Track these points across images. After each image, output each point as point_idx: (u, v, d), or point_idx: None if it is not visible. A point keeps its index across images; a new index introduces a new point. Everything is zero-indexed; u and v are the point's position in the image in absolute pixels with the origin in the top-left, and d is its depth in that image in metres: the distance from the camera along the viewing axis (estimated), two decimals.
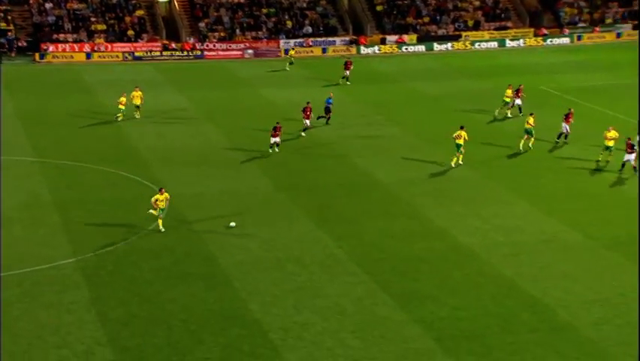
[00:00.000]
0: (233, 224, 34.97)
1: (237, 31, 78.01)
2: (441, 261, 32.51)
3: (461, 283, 30.67)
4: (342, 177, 41.98)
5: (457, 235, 34.80)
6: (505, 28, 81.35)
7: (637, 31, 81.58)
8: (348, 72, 62.46)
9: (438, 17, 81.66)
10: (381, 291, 29.92)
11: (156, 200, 34.31)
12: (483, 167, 43.61)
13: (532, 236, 34.80)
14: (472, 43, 78.65)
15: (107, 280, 30.67)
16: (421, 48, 77.81)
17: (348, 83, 61.96)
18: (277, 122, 45.68)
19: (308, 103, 48.93)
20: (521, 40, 79.08)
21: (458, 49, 77.96)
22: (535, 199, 38.81)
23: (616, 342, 26.60)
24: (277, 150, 44.94)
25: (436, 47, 78.07)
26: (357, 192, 40.07)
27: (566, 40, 79.93)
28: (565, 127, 47.14)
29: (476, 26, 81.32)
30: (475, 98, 58.38)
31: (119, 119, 51.35)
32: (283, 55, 75.30)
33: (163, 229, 34.40)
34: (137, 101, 51.64)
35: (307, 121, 48.41)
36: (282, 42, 76.88)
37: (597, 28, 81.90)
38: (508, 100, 52.22)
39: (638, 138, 43.62)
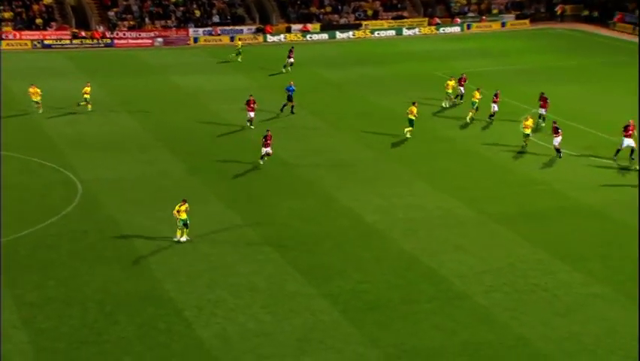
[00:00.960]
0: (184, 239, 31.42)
1: (146, 19, 76.56)
2: (346, 238, 32.84)
3: (365, 259, 31.07)
4: (251, 161, 41.81)
5: (361, 213, 35.19)
6: (402, 17, 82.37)
7: (520, 21, 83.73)
8: (291, 60, 62.02)
9: (339, 7, 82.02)
10: (291, 268, 30.05)
11: (178, 210, 31.49)
12: (384, 149, 44.15)
13: (430, 213, 35.47)
14: (372, 31, 79.33)
15: (23, 264, 29.83)
16: (325, 36, 78.04)
17: (289, 69, 61.42)
18: (267, 130, 40.97)
19: (250, 96, 47.38)
20: (417, 29, 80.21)
21: (359, 37, 78.51)
22: (433, 178, 39.50)
23: (504, 308, 27.43)
24: (262, 161, 40.39)
25: (339, 35, 78.41)
26: (267, 175, 40.00)
27: (457, 29, 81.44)
28: (493, 106, 48.47)
29: (375, 16, 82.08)
30: (376, 83, 58.95)
31: (89, 108, 49.59)
32: (193, 43, 74.42)
33: (184, 239, 31.59)
34: (36, 98, 49.64)
35: (251, 113, 46.64)
36: (191, 31, 75.91)
37: (484, 18, 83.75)
38: (449, 91, 51.67)
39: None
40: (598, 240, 32.53)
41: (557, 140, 41.92)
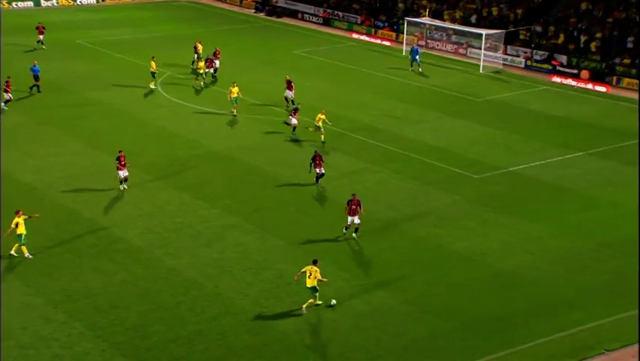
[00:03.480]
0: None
1: None
2: (6, 199, 30.66)
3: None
4: None
5: (19, 176, 33.12)
6: None
7: None
8: (42, 36, 55.65)
9: None
10: None
11: (17, 223, 26.11)
12: (35, 113, 41.62)
13: (86, 169, 34.53)
14: (9, 2, 73.03)
15: None
16: None
17: (43, 47, 55.13)
18: (120, 151, 32.53)
19: (9, 77, 41.65)
20: (54, 1, 75.58)
21: None
22: (87, 138, 38.33)
23: (157, 246, 28.00)
24: (126, 186, 32.58)
25: None
26: None
27: (92, 1, 78.22)
28: (216, 64, 48.64)
29: None
30: (20, 52, 54.84)
31: None
32: None
33: (30, 256, 26.56)
34: None
35: (8, 94, 40.95)
36: None
37: None
38: (202, 72, 47.85)
39: None
40: (228, 180, 34.29)
41: (290, 93, 42.59)
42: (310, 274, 23.75)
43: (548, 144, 38.84)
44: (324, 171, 32.84)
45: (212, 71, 48.59)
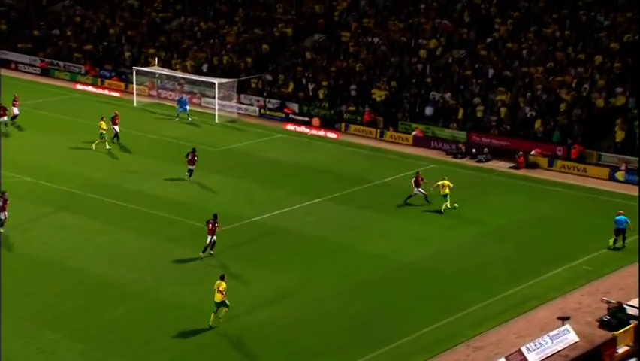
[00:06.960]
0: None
1: None
2: None
3: None
4: None
5: None
6: None
7: None
8: None
9: None
10: None
11: None
12: None
13: None
14: None
15: None
16: None
17: None
18: (4, 192, 31.53)
19: None
20: None
21: None
22: None
23: None
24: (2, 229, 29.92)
25: None
26: None
27: None
28: (14, 110, 49.56)
29: None
30: None
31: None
32: None
33: None
34: None
35: None
36: None
37: None
38: (103, 132, 45.28)
39: None
40: None
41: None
42: (217, 289, 25.79)
43: (288, 191, 40.26)
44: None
45: (5, 118, 48.80)
